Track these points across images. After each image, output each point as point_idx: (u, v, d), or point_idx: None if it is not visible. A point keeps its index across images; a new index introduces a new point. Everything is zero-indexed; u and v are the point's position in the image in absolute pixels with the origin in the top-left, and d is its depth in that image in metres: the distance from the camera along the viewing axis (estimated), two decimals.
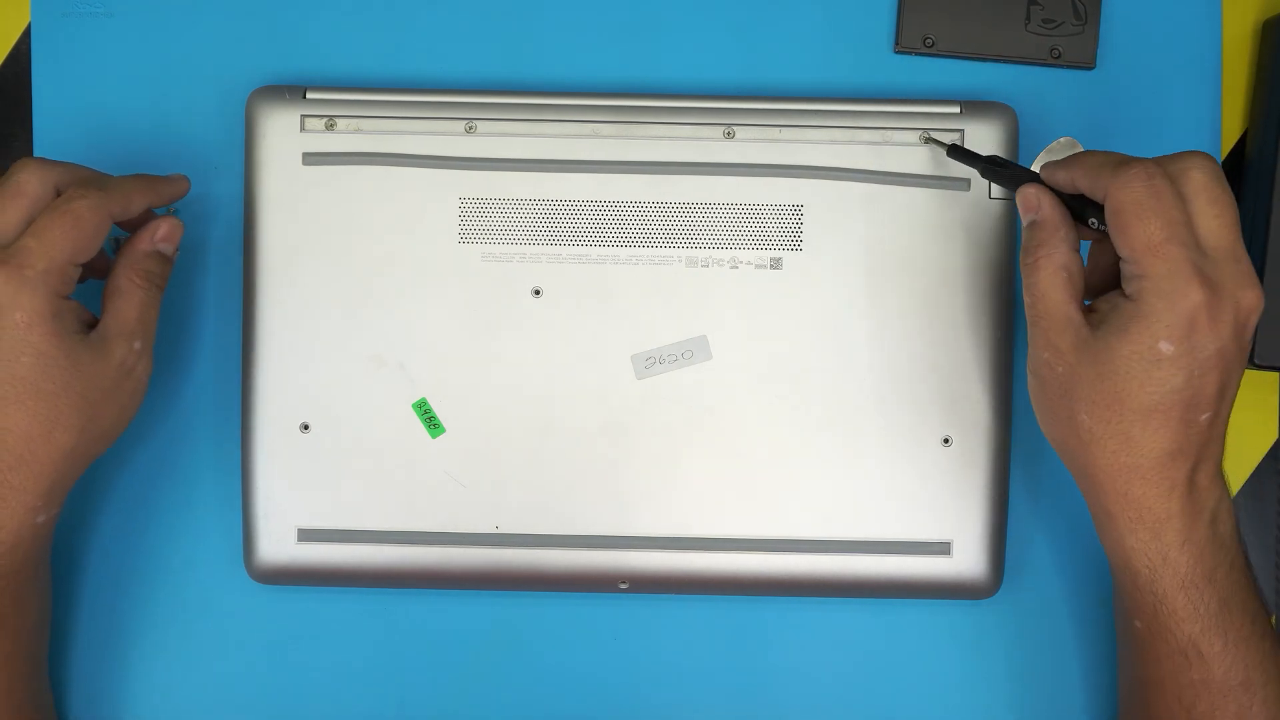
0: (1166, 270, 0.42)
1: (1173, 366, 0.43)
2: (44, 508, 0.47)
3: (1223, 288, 0.42)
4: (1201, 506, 0.45)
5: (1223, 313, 0.42)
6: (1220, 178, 0.44)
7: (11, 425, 0.45)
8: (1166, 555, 0.45)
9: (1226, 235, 0.43)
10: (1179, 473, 0.44)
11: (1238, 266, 0.43)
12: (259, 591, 0.54)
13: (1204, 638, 0.46)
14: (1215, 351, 0.43)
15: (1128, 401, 0.43)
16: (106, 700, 0.55)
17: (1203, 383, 0.43)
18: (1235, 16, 0.56)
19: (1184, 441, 0.44)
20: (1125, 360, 0.43)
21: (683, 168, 0.52)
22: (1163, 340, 0.42)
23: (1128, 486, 0.45)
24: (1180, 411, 0.43)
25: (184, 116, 0.55)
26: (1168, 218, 0.42)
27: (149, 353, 0.49)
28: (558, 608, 0.55)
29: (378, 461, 0.52)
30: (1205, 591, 0.45)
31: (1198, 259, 0.42)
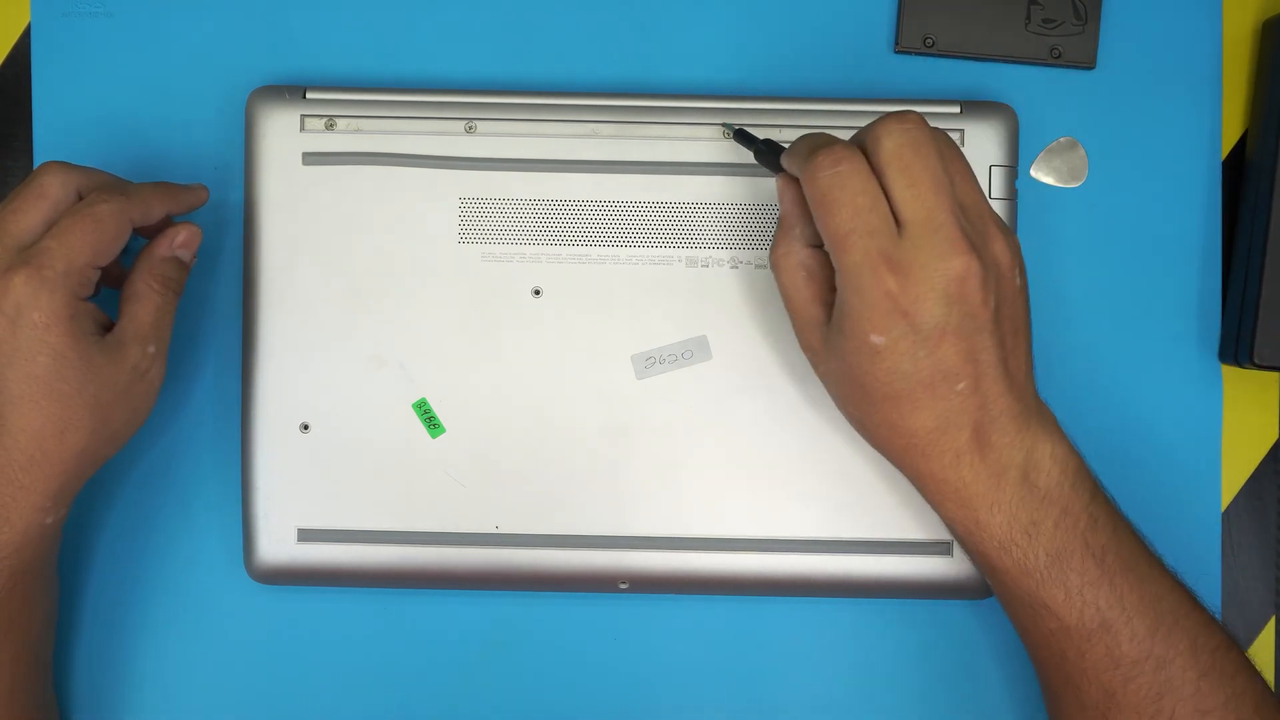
0: (854, 263, 0.42)
1: (892, 354, 0.42)
2: (53, 508, 0.47)
3: (919, 268, 0.41)
4: (1003, 466, 0.44)
5: (924, 293, 0.41)
6: (915, 141, 0.42)
7: (25, 425, 0.45)
8: (978, 520, 0.45)
9: (921, 205, 0.42)
10: (958, 441, 0.44)
11: (935, 236, 0.41)
12: (259, 591, 0.54)
13: (1043, 590, 0.44)
14: (934, 329, 0.42)
15: (872, 393, 0.43)
16: (107, 700, 0.55)
17: (935, 360, 0.42)
18: (1235, 16, 0.56)
19: (947, 413, 0.43)
20: (851, 356, 0.43)
21: (683, 168, 0.52)
22: (871, 334, 0.42)
23: (915, 464, 0.45)
24: (925, 391, 0.43)
25: (184, 116, 0.55)
26: (853, 206, 0.41)
27: (163, 357, 0.49)
28: (558, 608, 0.55)
29: (378, 461, 0.52)
30: (1028, 549, 0.44)
31: (886, 244, 0.41)
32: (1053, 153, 0.55)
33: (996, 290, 0.43)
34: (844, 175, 0.42)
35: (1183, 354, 0.55)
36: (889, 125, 0.42)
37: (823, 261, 0.45)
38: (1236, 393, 0.55)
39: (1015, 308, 0.44)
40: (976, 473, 0.44)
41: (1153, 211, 0.55)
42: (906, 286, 0.41)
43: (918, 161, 0.42)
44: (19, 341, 0.44)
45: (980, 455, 0.44)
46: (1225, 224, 0.55)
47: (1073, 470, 0.45)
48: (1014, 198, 0.52)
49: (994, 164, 0.52)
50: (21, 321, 0.44)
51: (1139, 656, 0.44)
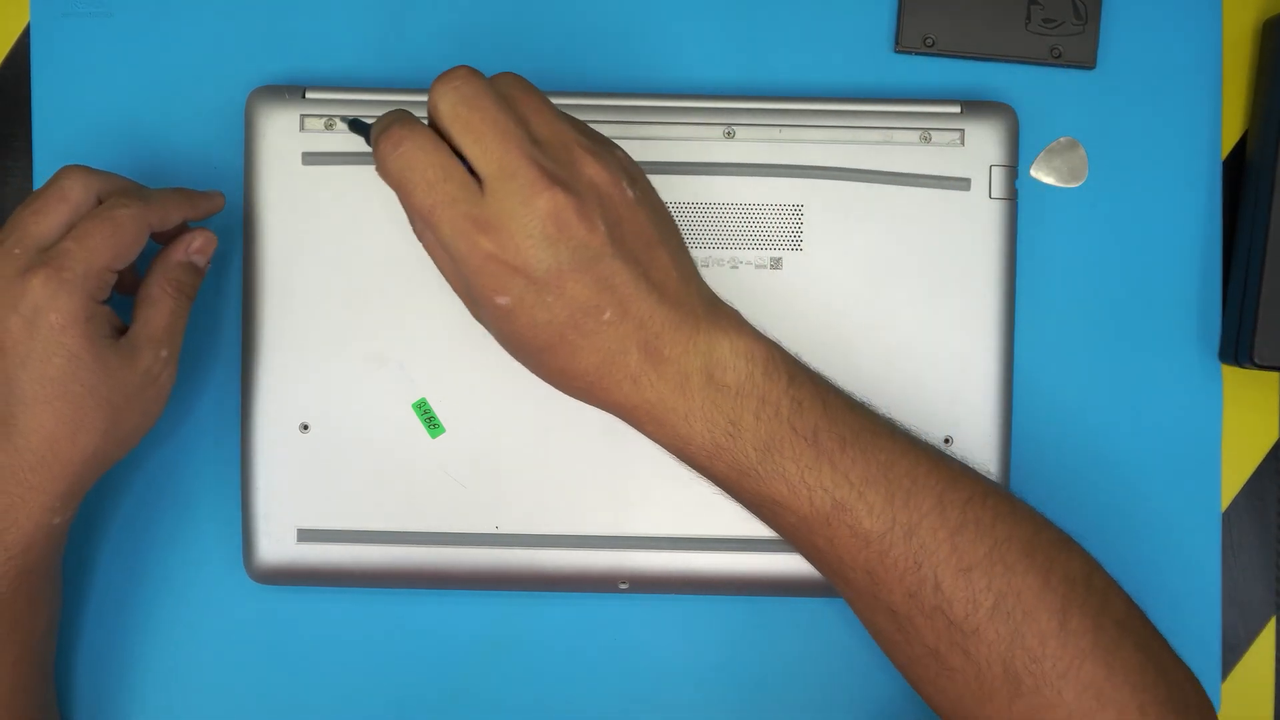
0: (447, 236, 0.41)
1: (522, 309, 0.42)
2: (62, 509, 0.47)
3: (507, 219, 0.41)
4: (684, 375, 0.43)
5: (522, 243, 0.41)
6: (468, 96, 0.41)
7: (37, 425, 0.45)
8: (679, 434, 0.44)
9: (491, 158, 0.41)
10: (629, 367, 0.43)
11: (513, 183, 0.41)
12: (259, 591, 0.54)
13: (766, 486, 0.44)
14: (549, 273, 0.41)
15: (527, 347, 0.43)
16: (107, 700, 0.55)
17: (566, 300, 0.42)
18: (1235, 16, 0.56)
19: (604, 344, 0.42)
20: (492, 322, 0.43)
21: (683, 168, 0.52)
22: (495, 297, 0.42)
23: (604, 400, 0.44)
24: (573, 331, 0.42)
25: (184, 116, 0.55)
26: (425, 183, 0.41)
27: (174, 361, 0.49)
28: (558, 608, 0.55)
29: (378, 461, 0.52)
30: (736, 448, 0.43)
31: (469, 208, 0.41)
32: (1053, 153, 0.55)
33: (603, 213, 0.42)
34: (407, 154, 0.41)
35: (1183, 354, 0.55)
36: (439, 87, 0.41)
37: None
38: (1236, 393, 0.55)
39: (635, 222, 0.43)
40: (659, 390, 0.43)
41: (1153, 211, 0.55)
42: (503, 242, 0.41)
43: (475, 115, 0.41)
44: (35, 342, 0.45)
45: (657, 372, 0.43)
46: (1225, 224, 0.55)
47: (762, 359, 0.44)
48: (1014, 198, 0.52)
49: (994, 164, 0.52)
50: (39, 322, 0.44)
51: (884, 529, 0.43)
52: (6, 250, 0.45)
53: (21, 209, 0.47)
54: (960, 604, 0.43)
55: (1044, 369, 0.55)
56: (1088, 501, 0.55)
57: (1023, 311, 0.54)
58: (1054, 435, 0.55)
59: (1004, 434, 0.53)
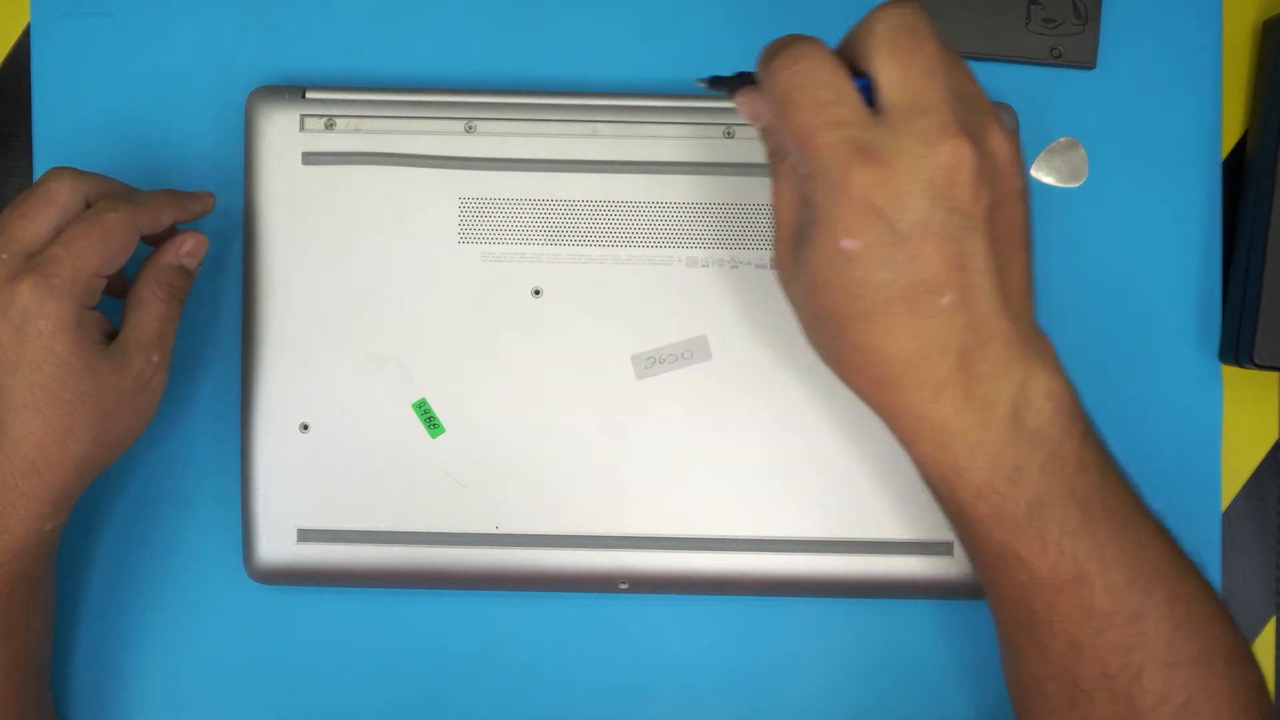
0: (821, 159, 0.37)
1: (866, 261, 0.37)
2: (53, 515, 0.47)
3: (899, 155, 0.37)
4: (991, 400, 0.39)
5: (906, 185, 0.36)
6: (912, 24, 0.38)
7: (27, 432, 0.45)
8: (956, 464, 0.40)
9: (909, 88, 0.37)
10: (940, 370, 0.38)
11: (923, 120, 0.37)
12: (259, 591, 0.54)
13: (1018, 541, 0.40)
14: (916, 228, 0.37)
15: (842, 311, 0.38)
16: (107, 700, 0.55)
17: (915, 266, 0.37)
18: (1235, 16, 0.56)
19: (928, 334, 0.38)
20: (819, 270, 0.38)
21: (683, 168, 0.52)
22: (843, 238, 0.37)
23: (888, 399, 0.40)
24: (904, 305, 0.38)
25: (184, 116, 0.55)
26: (816, 100, 0.37)
27: (165, 366, 0.49)
28: (558, 608, 0.55)
29: (378, 461, 0.52)
30: (1009, 495, 0.40)
31: (860, 133, 0.37)
32: (1053, 153, 0.55)
33: (992, 186, 0.38)
34: (802, 73, 0.38)
35: (1183, 354, 0.55)
36: (883, 10, 0.38)
37: None
38: (1236, 393, 0.55)
39: (1014, 211, 0.39)
40: (959, 409, 0.39)
41: (1153, 211, 0.55)
42: (884, 178, 0.36)
43: (912, 43, 0.37)
44: (24, 349, 0.44)
45: (965, 388, 0.39)
46: (1225, 224, 0.55)
47: (1067, 408, 0.40)
48: None
49: None
50: (27, 329, 0.44)
51: (1112, 609, 0.40)
52: None
53: (8, 212, 0.46)
54: (1152, 695, 0.41)
55: None
56: None
57: None
58: None
59: None
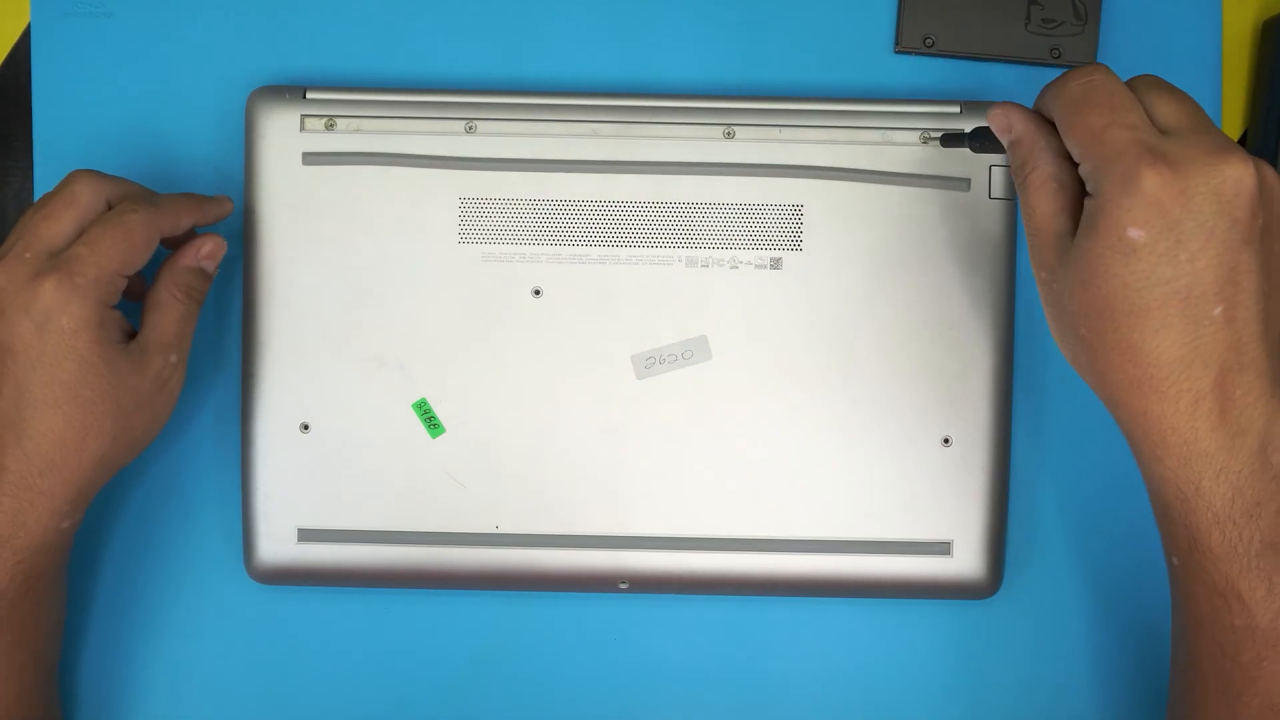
0: (1113, 152, 0.39)
1: (1150, 254, 0.38)
2: (70, 513, 0.47)
3: (1188, 162, 0.38)
4: (1241, 428, 0.39)
5: (1194, 187, 0.38)
6: (1163, 81, 0.42)
7: (46, 430, 0.45)
8: (1199, 485, 0.40)
9: (1186, 116, 0.40)
10: (1200, 382, 0.39)
11: (1205, 138, 0.39)
12: (259, 591, 0.54)
13: (1243, 580, 0.40)
14: (1199, 230, 0.38)
15: (1116, 306, 0.39)
16: (108, 699, 0.55)
17: (1195, 268, 0.38)
18: (1235, 16, 0.56)
19: (1195, 342, 0.39)
20: (1100, 260, 0.39)
21: (683, 168, 0.52)
22: (1130, 227, 0.38)
23: (1144, 404, 0.40)
24: (1179, 306, 0.39)
25: (184, 116, 0.55)
26: (1109, 104, 0.40)
27: (183, 366, 0.49)
28: (558, 608, 0.55)
29: (378, 461, 0.52)
30: (1246, 529, 0.40)
31: (1149, 138, 0.39)
32: None
33: (1266, 213, 0.39)
34: (1097, 83, 0.40)
35: None
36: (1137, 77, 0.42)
37: (1073, 175, 0.42)
38: None
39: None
40: (1213, 427, 0.39)
41: None
42: (1174, 180, 0.38)
43: (1178, 90, 0.41)
44: (46, 346, 0.45)
45: (1220, 408, 0.39)
46: None
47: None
48: (1014, 198, 0.52)
49: (994, 164, 0.52)
50: (50, 327, 0.45)
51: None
52: (17, 254, 0.46)
53: (32, 213, 0.47)
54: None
55: (1044, 369, 0.55)
56: (1088, 501, 0.55)
57: (1022, 311, 0.54)
58: (1054, 435, 0.55)
59: (1004, 434, 0.53)
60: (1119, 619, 0.55)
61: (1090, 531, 0.55)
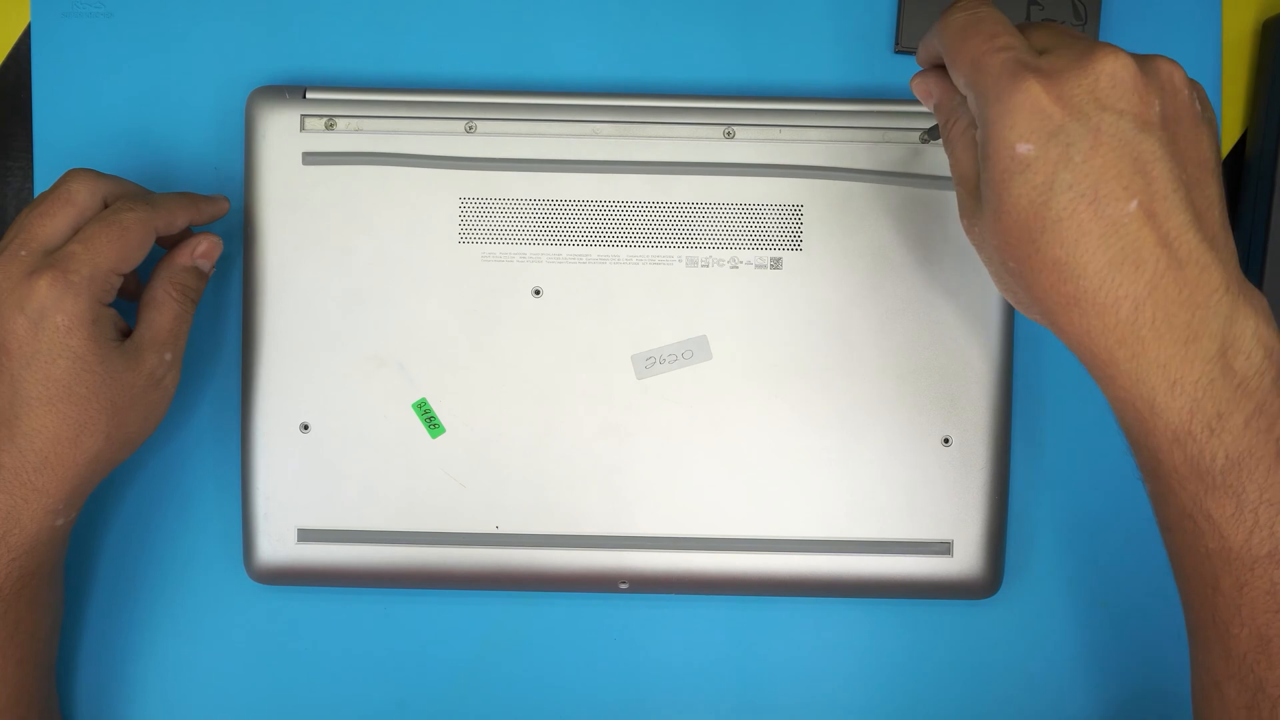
0: (992, 75, 0.38)
1: (1044, 164, 0.37)
2: (64, 511, 0.47)
3: (1061, 70, 0.37)
4: (1195, 331, 0.37)
5: (1070, 91, 0.37)
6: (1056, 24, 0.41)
7: (40, 427, 0.45)
8: (1153, 402, 0.38)
9: (1060, 35, 0.39)
10: (1135, 285, 0.37)
11: (1078, 44, 0.38)
12: (259, 591, 0.54)
13: (1210, 498, 0.38)
14: (1085, 130, 0.37)
15: (1029, 224, 0.37)
16: (107, 700, 0.55)
17: (1091, 166, 0.37)
18: (1235, 16, 0.56)
19: (1120, 243, 0.37)
20: (1001, 184, 0.38)
21: (683, 168, 0.52)
22: (1017, 144, 0.37)
23: (1085, 322, 0.38)
24: (1090, 209, 0.37)
25: (184, 116, 0.55)
26: (987, 31, 0.39)
27: (178, 365, 0.49)
28: (558, 608, 0.55)
29: (378, 461, 0.52)
30: (1206, 446, 0.37)
31: (1025, 55, 0.38)
32: None
33: (1163, 100, 0.38)
34: (981, 15, 0.40)
35: None
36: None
37: None
38: None
39: (1197, 135, 0.39)
40: (1159, 333, 0.37)
41: None
42: (1050, 86, 0.37)
43: (1057, 24, 0.41)
44: (40, 344, 0.45)
45: (1164, 310, 0.37)
46: None
47: (1278, 361, 0.37)
48: None
49: None
50: (44, 324, 0.45)
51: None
52: (13, 252, 0.46)
53: (28, 211, 0.47)
54: None
55: (1044, 370, 0.55)
56: (1088, 501, 0.55)
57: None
58: (1054, 435, 0.55)
59: (1004, 434, 0.53)
60: (1118, 619, 0.55)
61: (1089, 531, 0.55)
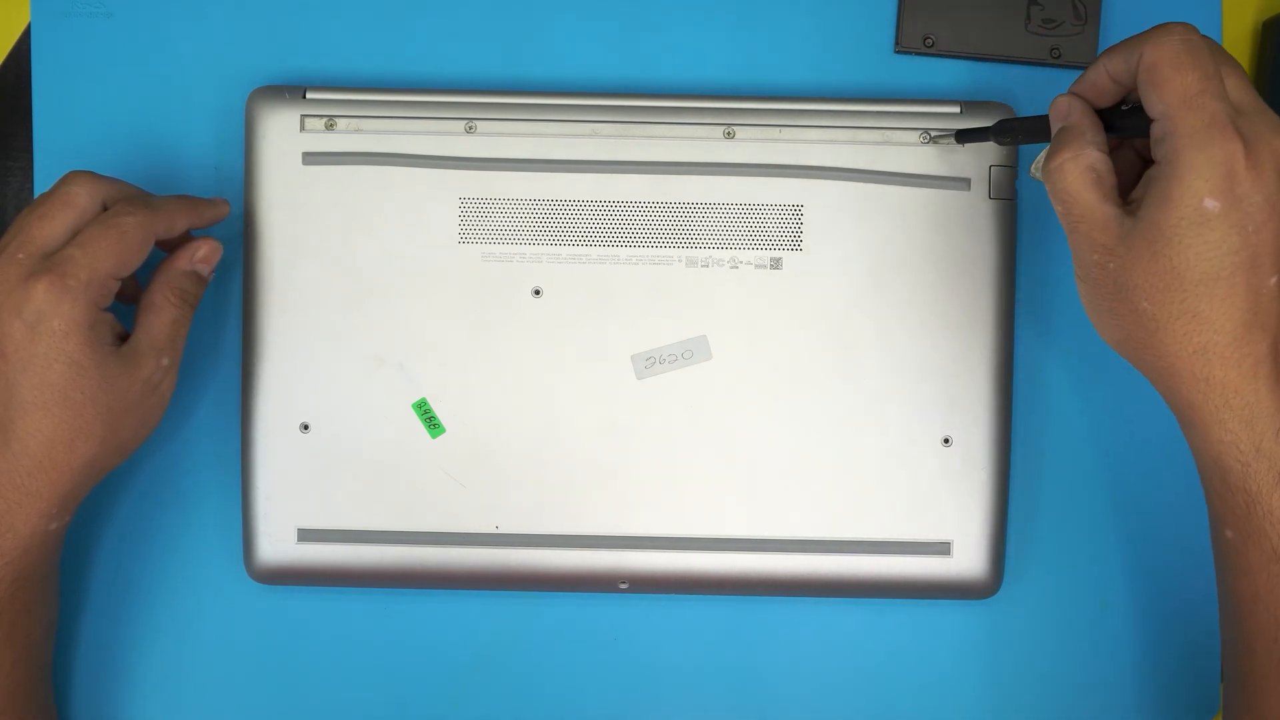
0: (1202, 122, 0.40)
1: (1223, 224, 0.40)
2: (58, 515, 0.47)
3: (1258, 138, 0.41)
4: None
5: (1262, 161, 0.40)
6: (1192, 42, 0.42)
7: (35, 431, 0.45)
8: (1260, 446, 0.42)
9: (1248, 91, 0.42)
10: (1260, 347, 0.42)
11: (1268, 115, 0.42)
12: (259, 591, 0.54)
13: None
14: (1264, 203, 0.40)
15: (1186, 274, 0.41)
16: (107, 700, 0.55)
17: (1259, 239, 0.41)
18: (1235, 16, 0.56)
19: (1255, 309, 0.41)
20: (1173, 229, 0.41)
21: (683, 168, 0.52)
22: (1206, 198, 0.40)
23: (1207, 370, 0.42)
24: (1245, 276, 0.41)
25: (184, 116, 0.55)
26: (1204, 70, 0.41)
27: (175, 370, 0.49)
28: (558, 608, 0.55)
29: (378, 461, 0.52)
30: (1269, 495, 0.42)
31: (1231, 111, 0.41)
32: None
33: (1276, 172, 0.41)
34: (1195, 44, 0.41)
35: None
36: (1164, 30, 0.42)
37: (1109, 167, 0.44)
38: None
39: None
40: (1272, 388, 0.42)
41: None
42: (1249, 153, 0.40)
43: (1230, 57, 0.43)
44: (36, 348, 0.45)
45: (1270, 379, 0.42)
46: None
47: None
48: (1014, 198, 0.53)
49: (994, 164, 0.52)
50: (41, 329, 0.44)
51: None
52: (10, 255, 0.45)
53: (27, 213, 0.47)
54: None
55: (1044, 369, 0.55)
56: (1088, 502, 0.55)
57: (1022, 311, 0.54)
58: (1054, 435, 0.55)
59: (1004, 434, 0.53)
60: (1118, 619, 0.55)
61: (1090, 531, 0.55)
